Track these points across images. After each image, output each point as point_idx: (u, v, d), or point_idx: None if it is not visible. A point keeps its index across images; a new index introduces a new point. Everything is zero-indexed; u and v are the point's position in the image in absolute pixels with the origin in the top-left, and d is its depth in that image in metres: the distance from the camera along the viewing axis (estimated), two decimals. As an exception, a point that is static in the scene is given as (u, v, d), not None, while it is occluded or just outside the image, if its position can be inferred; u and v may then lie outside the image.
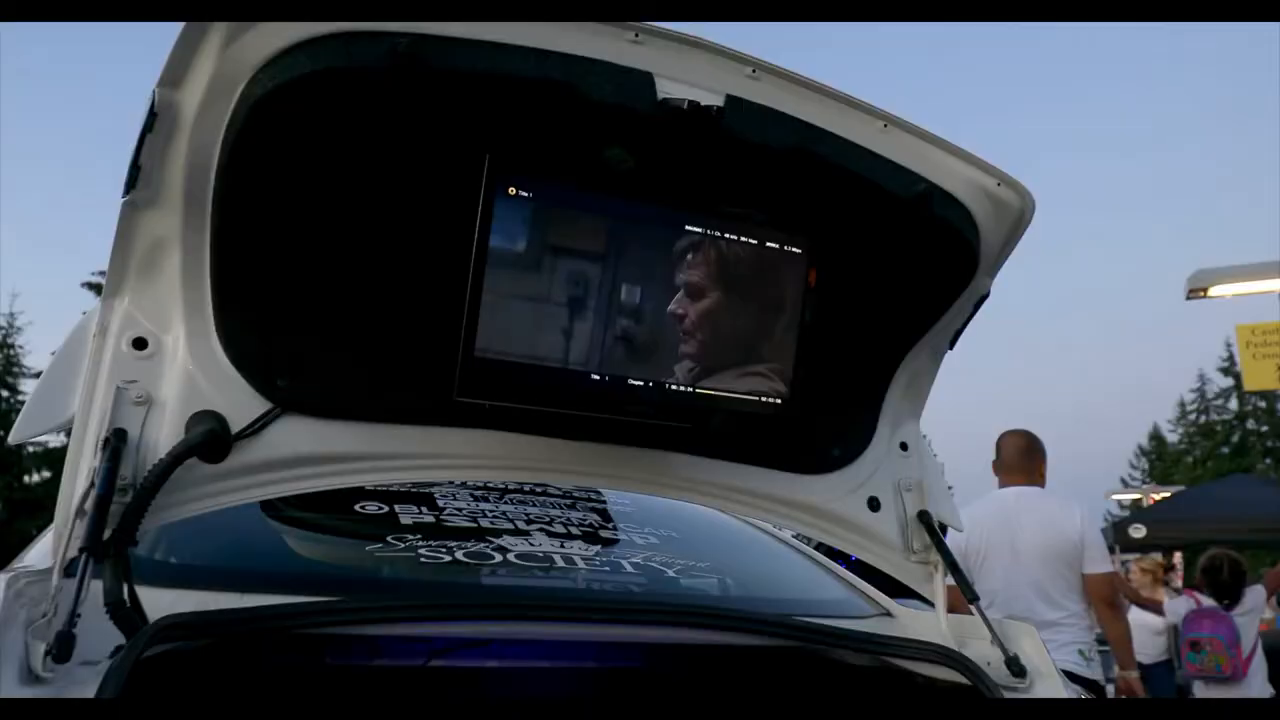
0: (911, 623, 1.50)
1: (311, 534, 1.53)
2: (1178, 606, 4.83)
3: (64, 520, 0.99)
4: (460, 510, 1.54)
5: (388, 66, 0.96)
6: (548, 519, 1.59)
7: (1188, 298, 7.60)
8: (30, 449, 27.38)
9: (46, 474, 26.81)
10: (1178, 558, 15.83)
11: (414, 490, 1.56)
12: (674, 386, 1.18)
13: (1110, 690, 3.67)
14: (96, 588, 0.93)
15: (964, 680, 1.28)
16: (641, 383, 1.16)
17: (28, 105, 39.36)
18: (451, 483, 1.62)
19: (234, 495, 1.10)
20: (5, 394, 27.12)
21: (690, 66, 1.10)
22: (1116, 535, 12.09)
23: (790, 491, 1.42)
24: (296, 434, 1.12)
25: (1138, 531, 11.97)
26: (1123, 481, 35.97)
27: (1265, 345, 7.30)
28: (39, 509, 25.19)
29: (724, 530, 1.83)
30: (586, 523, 1.62)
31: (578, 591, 1.37)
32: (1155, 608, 5.48)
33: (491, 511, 1.56)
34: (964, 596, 1.41)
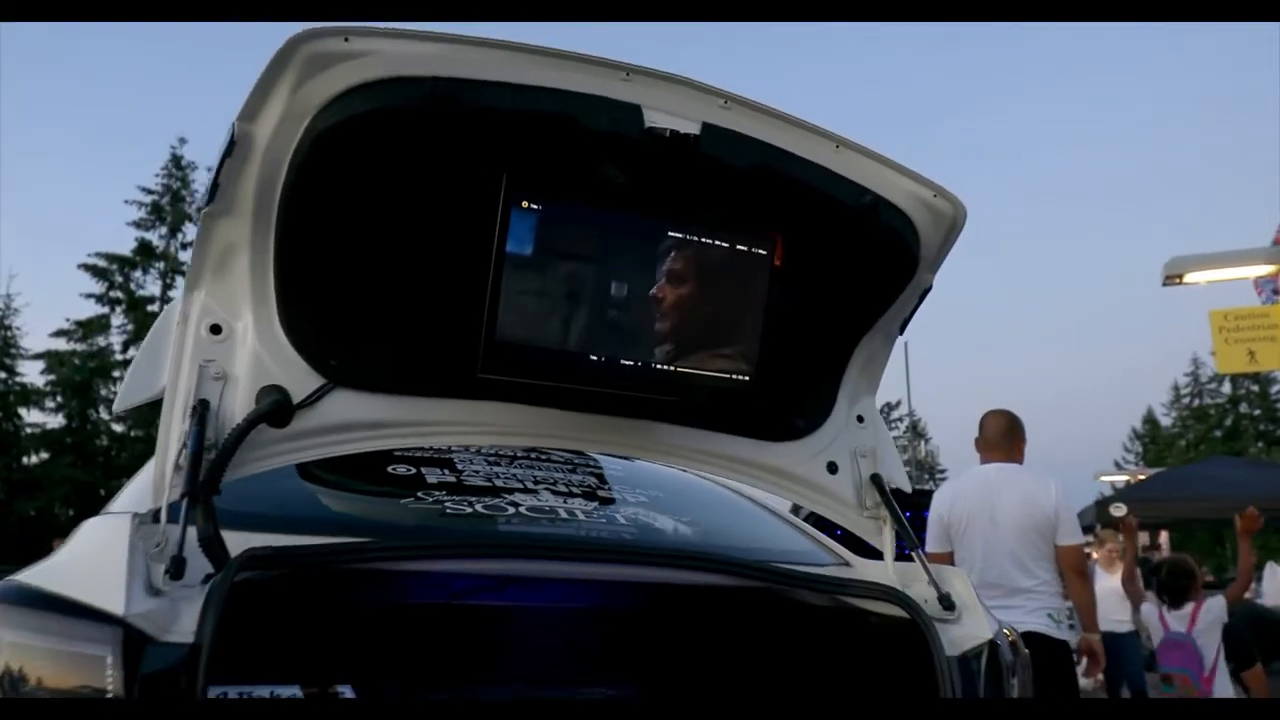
0: (865, 569, 1.74)
1: (354, 490, 1.76)
2: (1148, 611, 5.02)
3: (162, 473, 1.22)
4: (477, 473, 1.78)
5: (426, 106, 1.18)
6: (552, 480, 1.82)
7: (1164, 284, 7.83)
8: (28, 431, 27.48)
9: (45, 455, 26.97)
10: (1164, 537, 16.11)
11: (437, 455, 1.79)
12: (656, 365, 1.41)
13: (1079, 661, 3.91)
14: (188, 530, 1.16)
15: (906, 615, 1.52)
16: (630, 362, 1.39)
17: (26, 89, 39.25)
18: (468, 449, 1.86)
19: (296, 455, 1.33)
20: (3, 375, 27.24)
21: (671, 99, 1.32)
22: (1098, 513, 12.33)
23: (759, 456, 1.65)
24: (346, 404, 1.35)
25: (1118, 510, 12.14)
26: (1116, 464, 36.37)
27: (1237, 330, 7.50)
28: (37, 489, 25.40)
29: (703, 491, 2.07)
30: (585, 484, 1.86)
31: (579, 537, 1.60)
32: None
33: (503, 474, 1.80)
34: (907, 545, 1.65)
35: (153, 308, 28.70)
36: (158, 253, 29.06)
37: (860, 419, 1.73)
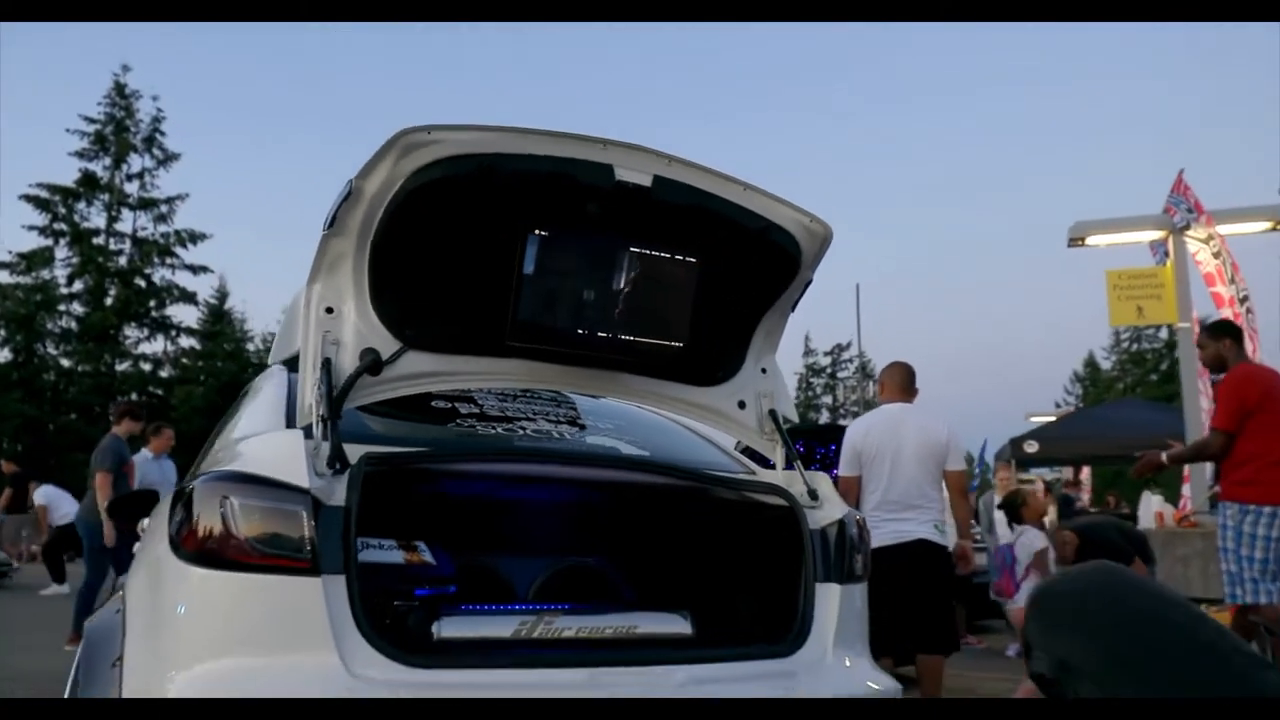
0: (764, 476, 2.49)
1: (417, 419, 2.42)
2: (1001, 530, 5.93)
3: (306, 405, 1.89)
4: (493, 407, 2.48)
5: (475, 172, 1.85)
6: (546, 413, 2.54)
7: (1069, 245, 8.71)
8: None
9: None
10: (1085, 473, 17.35)
11: (465, 395, 2.49)
12: (621, 336, 2.11)
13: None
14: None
15: (786, 504, 2.26)
16: (604, 334, 2.09)
17: None
18: (487, 391, 2.55)
19: (385, 394, 2.01)
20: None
21: (632, 160, 1.99)
22: (1014, 450, 13.39)
23: (691, 396, 2.37)
24: (417, 360, 2.03)
25: (1031, 447, 13.34)
26: (1056, 404, 38.24)
27: (1129, 289, 8.41)
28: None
29: (653, 421, 2.80)
30: (568, 415, 2.58)
31: (567, 450, 2.33)
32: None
33: (511, 408, 2.51)
34: (789, 459, 2.40)
35: (98, 240, 28.30)
36: (102, 184, 28.43)
37: (764, 370, 2.46)
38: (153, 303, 28.93)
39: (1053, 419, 17.96)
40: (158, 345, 29.37)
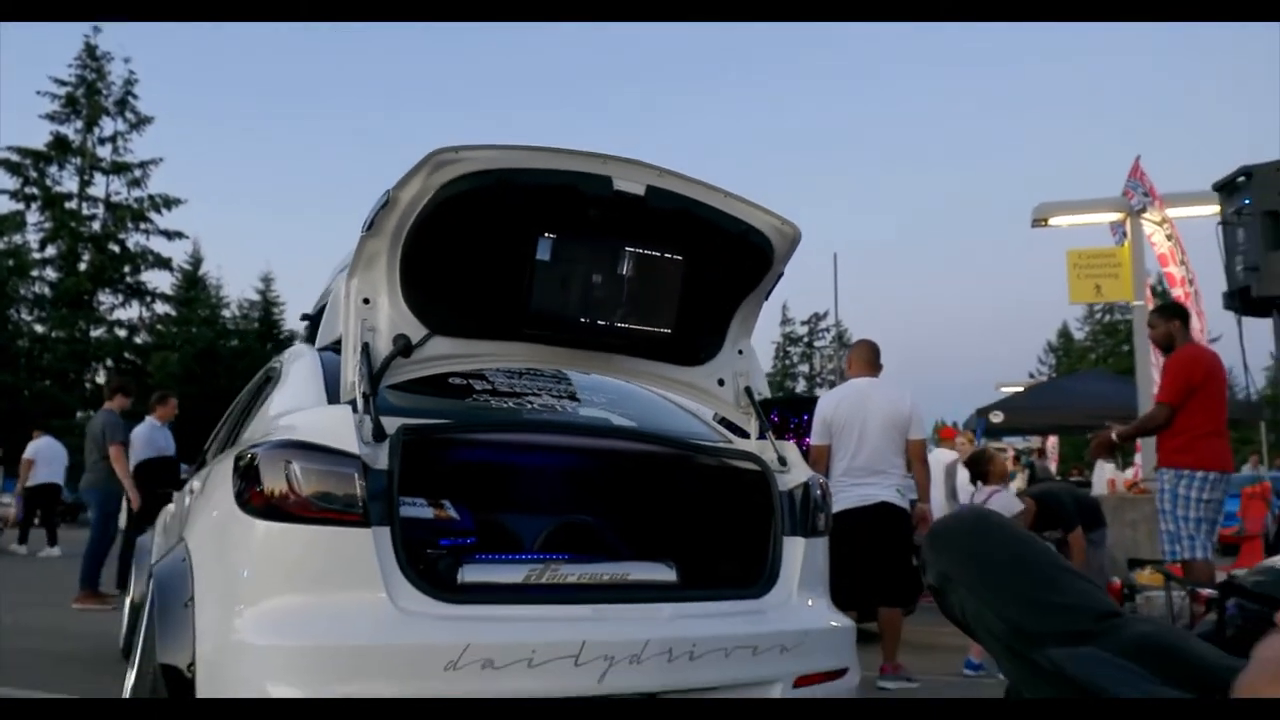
0: (739, 444, 2.83)
1: (441, 395, 2.71)
2: (964, 488, 6.33)
3: (349, 383, 2.19)
4: (503, 384, 2.80)
5: (495, 185, 2.14)
6: (549, 389, 2.86)
7: (1033, 226, 9.08)
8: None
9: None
10: (1051, 442, 17.91)
11: (477, 373, 2.79)
12: (617, 324, 2.42)
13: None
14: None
15: (759, 469, 2.60)
16: (603, 322, 2.40)
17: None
18: (498, 370, 2.86)
19: (415, 373, 2.32)
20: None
21: (629, 172, 2.29)
22: (980, 420, 13.85)
23: (676, 374, 2.70)
24: (441, 344, 2.34)
25: (996, 417, 13.76)
26: (1030, 375, 38.97)
27: (1089, 267, 8.80)
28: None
29: (643, 396, 3.13)
30: (568, 391, 2.91)
31: (568, 421, 2.66)
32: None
33: (519, 385, 2.83)
34: (762, 430, 2.74)
35: (71, 205, 28.00)
36: (74, 148, 28.06)
37: (740, 352, 2.78)
38: (127, 268, 28.74)
39: (1021, 389, 18.47)
40: (133, 311, 29.24)
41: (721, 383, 2.75)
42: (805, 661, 2.29)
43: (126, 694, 2.46)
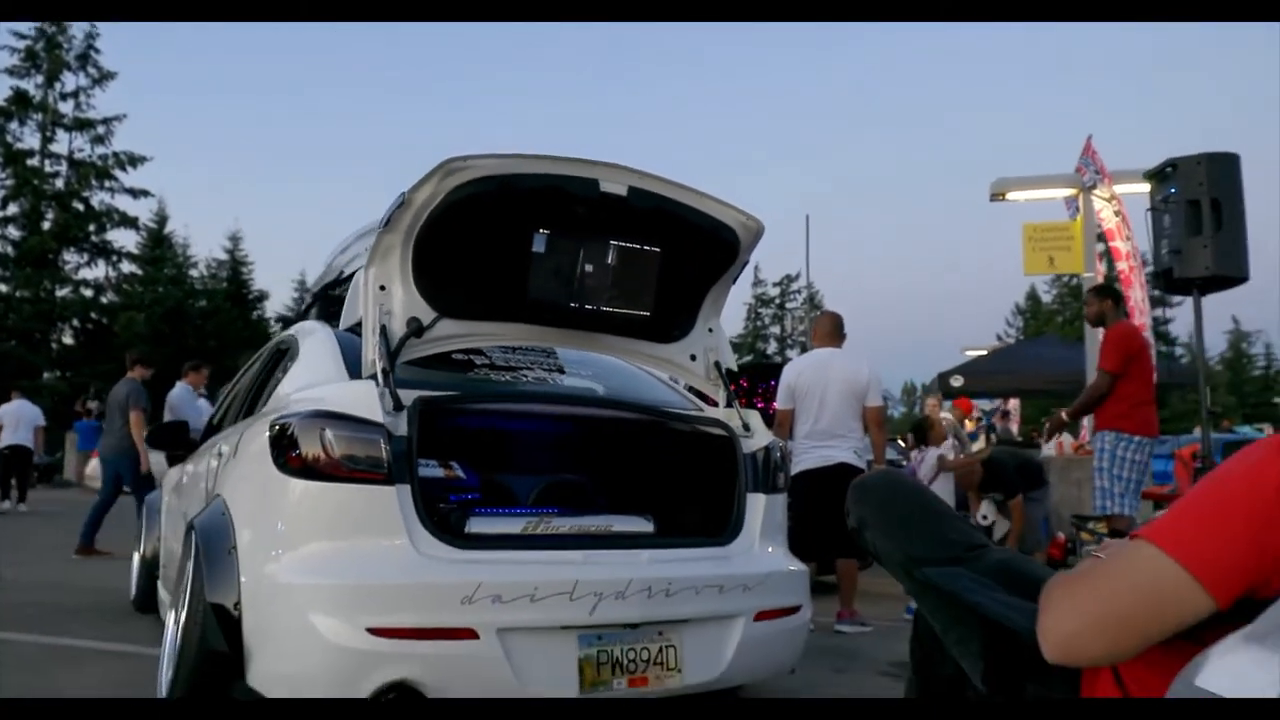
0: (709, 412, 3.18)
1: (447, 369, 3.00)
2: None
3: (369, 360, 2.50)
4: (500, 359, 3.13)
5: (497, 188, 2.45)
6: (541, 364, 3.20)
7: (991, 200, 9.49)
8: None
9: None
10: (1013, 404, 18.53)
11: (477, 350, 3.11)
12: (603, 308, 2.75)
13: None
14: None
15: (726, 434, 2.96)
16: (591, 306, 2.73)
17: None
18: (495, 348, 3.18)
19: (426, 351, 2.63)
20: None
21: (613, 175, 2.60)
22: (940, 384, 14.36)
23: (655, 351, 3.04)
24: (449, 325, 2.65)
25: (956, 381, 14.29)
26: (998, 337, 39.72)
27: (1043, 240, 9.26)
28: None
29: (624, 369, 3.47)
30: (558, 365, 3.25)
31: (558, 392, 3.00)
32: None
33: (514, 360, 3.16)
34: (729, 400, 3.09)
35: (33, 162, 27.48)
36: (35, 103, 27.47)
37: (710, 330, 3.13)
38: (92, 227, 28.33)
39: (985, 353, 19.04)
40: (99, 271, 28.90)
41: (693, 358, 3.10)
42: (765, 599, 2.68)
43: (171, 633, 2.79)
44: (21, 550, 7.70)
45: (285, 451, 2.34)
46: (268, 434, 2.41)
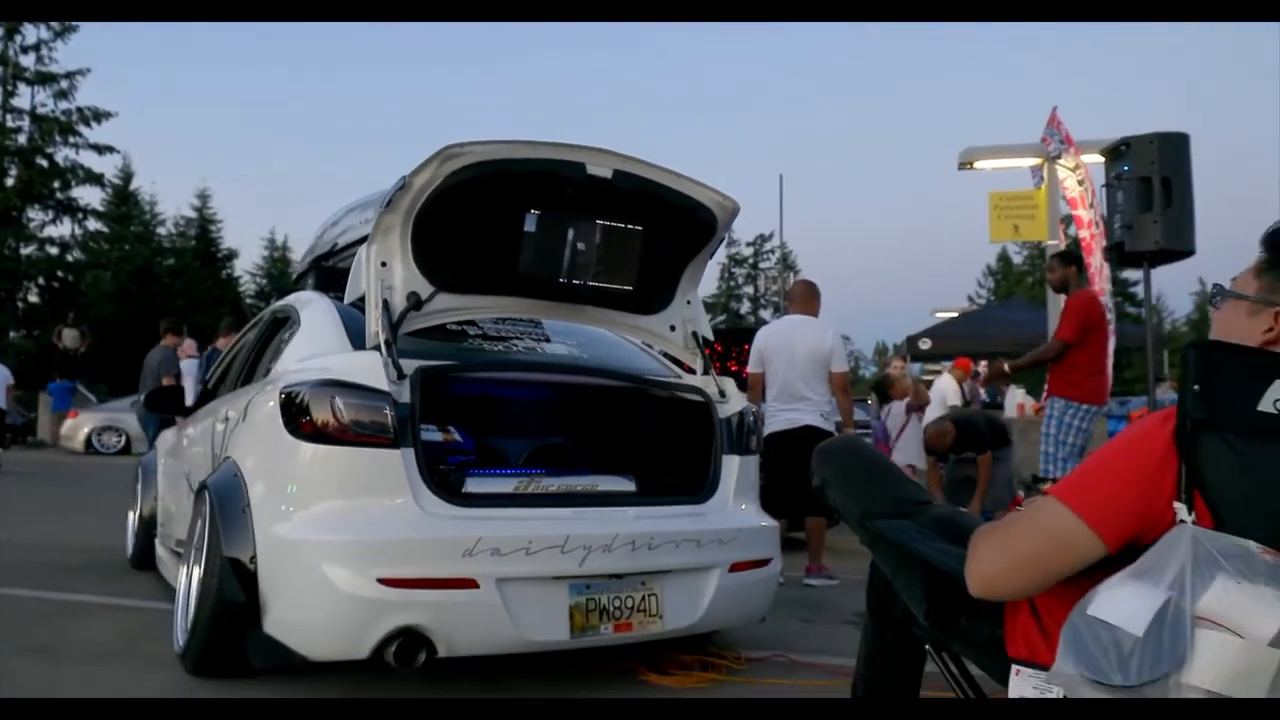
0: (687, 379, 3.39)
1: (445, 340, 3.15)
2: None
3: (373, 331, 2.67)
4: (491, 330, 3.31)
5: (493, 172, 2.61)
6: (530, 334, 3.38)
7: (959, 169, 9.72)
8: None
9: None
10: (984, 365, 18.96)
11: (469, 321, 3.29)
12: (589, 282, 2.94)
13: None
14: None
15: (703, 400, 3.17)
16: (578, 281, 2.92)
17: None
18: (487, 320, 3.35)
19: (424, 324, 2.81)
20: None
21: (599, 159, 2.77)
22: (909, 346, 14.71)
23: (636, 322, 3.24)
24: (446, 299, 2.83)
25: (925, 344, 14.66)
26: (969, 299, 40.16)
27: (1008, 209, 9.54)
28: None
29: (609, 339, 3.67)
30: (545, 335, 3.43)
31: (546, 360, 3.20)
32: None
33: (505, 330, 3.34)
34: (706, 368, 3.30)
35: (-9, 117, 26.84)
36: (-5, 57, 26.71)
37: (688, 302, 3.33)
38: (56, 184, 27.78)
39: (955, 315, 19.42)
40: (64, 229, 28.39)
41: (673, 328, 3.30)
42: (738, 552, 2.92)
43: (183, 587, 2.98)
44: (12, 512, 7.80)
45: (297, 417, 2.52)
46: (279, 400, 2.58)
